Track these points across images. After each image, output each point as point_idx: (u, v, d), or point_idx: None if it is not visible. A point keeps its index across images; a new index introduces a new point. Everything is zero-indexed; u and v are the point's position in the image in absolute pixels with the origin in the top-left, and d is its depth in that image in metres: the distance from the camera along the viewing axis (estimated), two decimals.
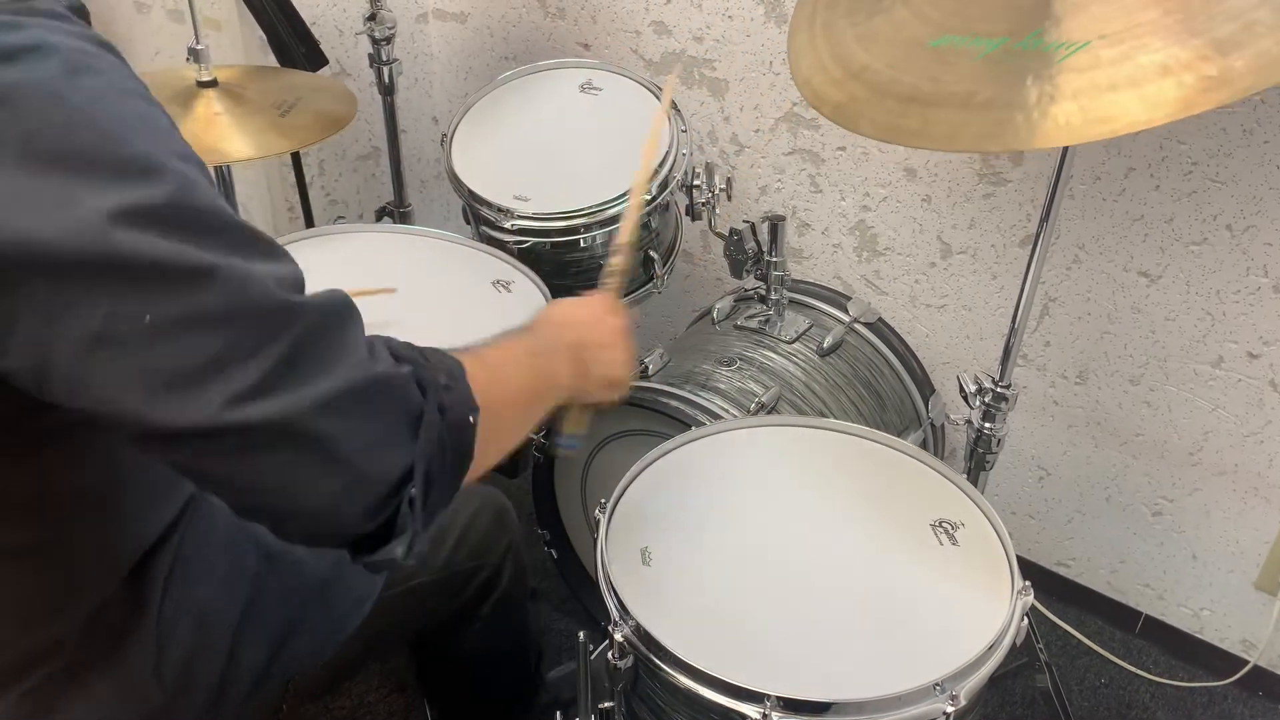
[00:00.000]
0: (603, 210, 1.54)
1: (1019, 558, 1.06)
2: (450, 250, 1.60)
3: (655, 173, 1.56)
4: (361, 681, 1.63)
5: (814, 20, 1.15)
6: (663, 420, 1.39)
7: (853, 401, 1.54)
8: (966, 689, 0.93)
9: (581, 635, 1.16)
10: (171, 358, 0.62)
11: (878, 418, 1.56)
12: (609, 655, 1.02)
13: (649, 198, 1.54)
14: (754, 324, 1.60)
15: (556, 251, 1.58)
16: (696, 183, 1.60)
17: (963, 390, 1.35)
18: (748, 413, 1.41)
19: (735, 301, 1.69)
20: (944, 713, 0.91)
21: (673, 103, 1.64)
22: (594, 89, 1.73)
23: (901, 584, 1.05)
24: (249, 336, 0.64)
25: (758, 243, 1.53)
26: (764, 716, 0.90)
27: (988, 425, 1.34)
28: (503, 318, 1.44)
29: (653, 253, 1.63)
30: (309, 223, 2.08)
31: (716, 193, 1.61)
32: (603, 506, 1.11)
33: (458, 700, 1.37)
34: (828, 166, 1.78)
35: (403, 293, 1.46)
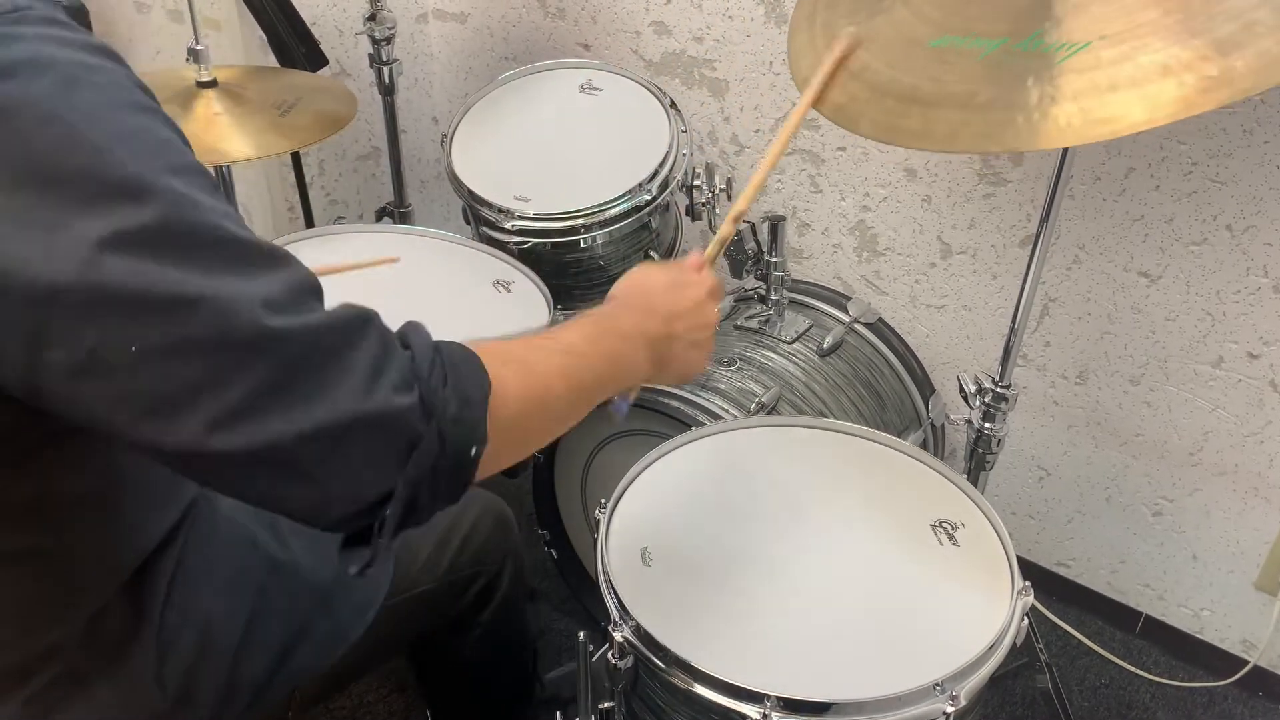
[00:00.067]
0: (603, 210, 1.54)
1: (1019, 558, 1.06)
2: (450, 250, 1.60)
3: (655, 173, 1.56)
4: (361, 682, 1.63)
5: (814, 20, 1.15)
6: (663, 420, 1.39)
7: (853, 402, 1.54)
8: (967, 689, 0.93)
9: (582, 635, 1.16)
10: (156, 384, 0.63)
11: (878, 418, 1.56)
12: (609, 655, 1.02)
13: (649, 197, 1.54)
14: (754, 324, 1.60)
15: (556, 252, 1.58)
16: (696, 183, 1.60)
17: (963, 390, 1.35)
18: (748, 413, 1.41)
19: (735, 301, 1.69)
20: (944, 713, 0.91)
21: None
22: (594, 89, 1.73)
23: (901, 584, 1.05)
24: (233, 364, 0.63)
25: (758, 243, 1.54)
26: (764, 716, 0.90)
27: (988, 425, 1.34)
28: (503, 318, 1.46)
29: (653, 253, 1.64)
30: (309, 223, 2.08)
31: (716, 193, 1.61)
32: (603, 507, 1.11)
33: (456, 702, 1.37)
34: (828, 167, 1.78)
35: (403, 293, 1.46)
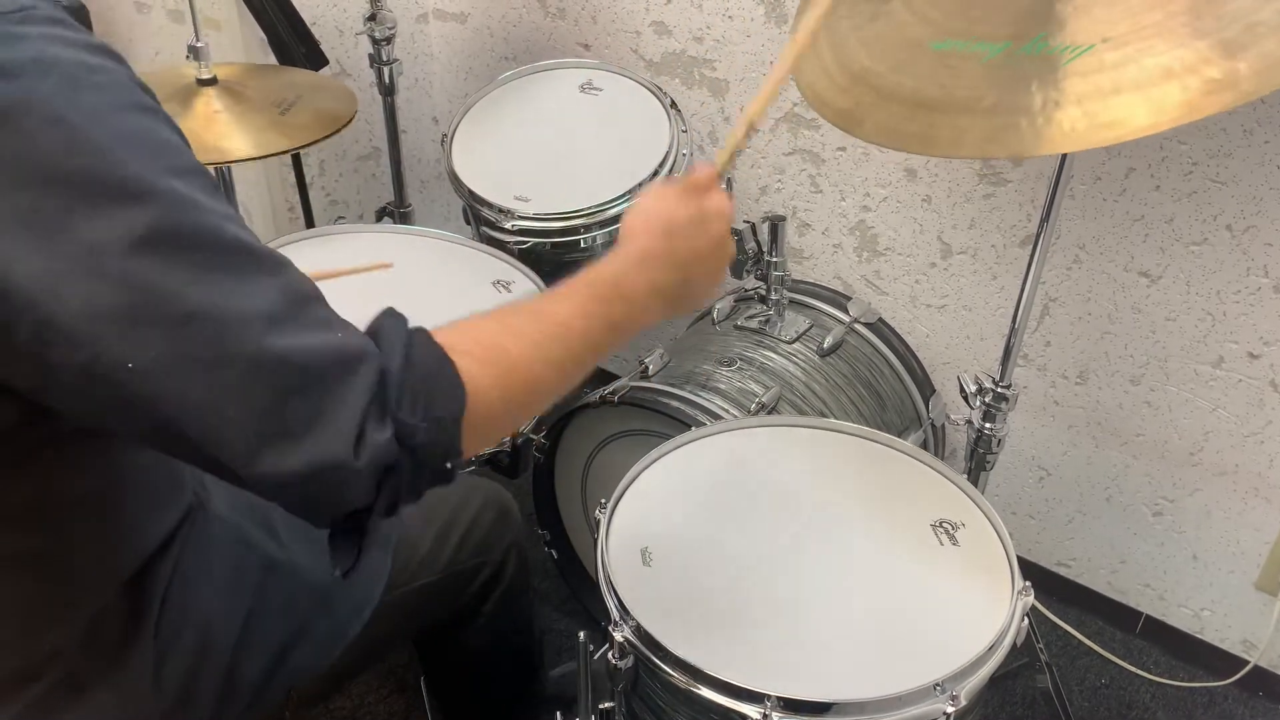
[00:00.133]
0: (603, 210, 1.54)
1: (1019, 558, 1.06)
2: (450, 250, 1.60)
3: (655, 173, 1.56)
4: (361, 682, 1.63)
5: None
6: (663, 420, 1.39)
7: (853, 402, 1.54)
8: (967, 689, 0.93)
9: (582, 635, 1.15)
10: (156, 393, 0.64)
11: (878, 418, 1.56)
12: (609, 655, 1.02)
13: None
14: (754, 324, 1.60)
15: (556, 252, 1.58)
16: None
17: (963, 390, 1.35)
18: (748, 413, 1.41)
19: (735, 302, 1.69)
20: (944, 713, 0.91)
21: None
22: (594, 89, 1.73)
23: (902, 584, 1.05)
24: (233, 384, 0.64)
25: (758, 243, 1.53)
26: (764, 717, 0.90)
27: (988, 425, 1.34)
28: None
29: None
30: (309, 223, 2.08)
31: None
32: (603, 507, 1.11)
33: (461, 696, 1.37)
34: (828, 167, 1.78)
35: (402, 293, 1.46)
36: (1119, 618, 1.80)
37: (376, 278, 1.49)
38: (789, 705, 0.90)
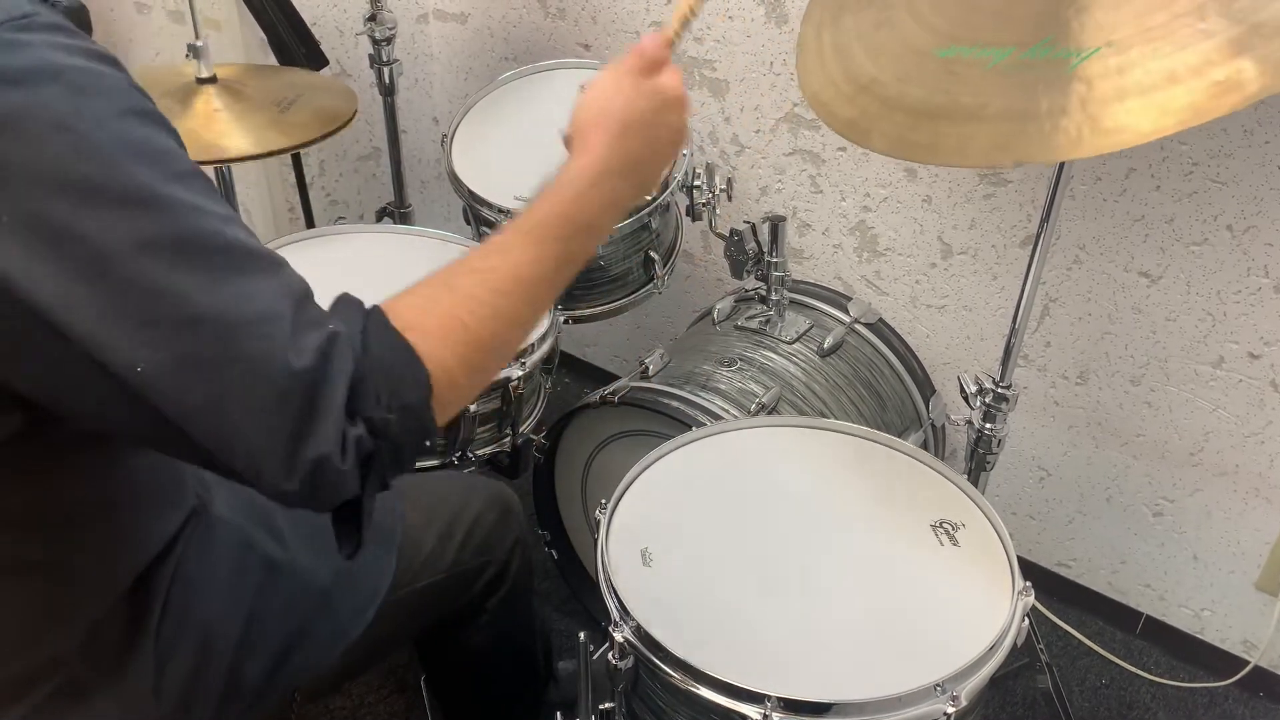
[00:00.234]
0: None
1: (1020, 558, 1.06)
2: (450, 250, 1.60)
3: None
4: (362, 682, 1.63)
5: (821, 38, 1.13)
6: (663, 421, 1.39)
7: (853, 402, 1.54)
8: (967, 689, 0.93)
9: (582, 636, 1.16)
10: (162, 397, 0.64)
11: (878, 418, 1.56)
12: (609, 656, 1.02)
13: (649, 198, 1.54)
14: (754, 324, 1.60)
15: None
16: (697, 183, 1.60)
17: (963, 391, 1.35)
18: (748, 413, 1.41)
19: (736, 302, 1.69)
20: (945, 713, 0.91)
21: None
22: None
23: (902, 584, 1.05)
24: (235, 387, 0.65)
25: (758, 243, 1.53)
26: (764, 717, 0.90)
27: (988, 426, 1.34)
28: None
29: (653, 253, 1.63)
30: (309, 223, 2.08)
31: (717, 193, 1.61)
32: (603, 507, 1.11)
33: (462, 696, 1.37)
34: (828, 167, 1.78)
35: None
36: (1119, 618, 1.79)
37: (377, 278, 1.48)
38: (789, 705, 0.90)
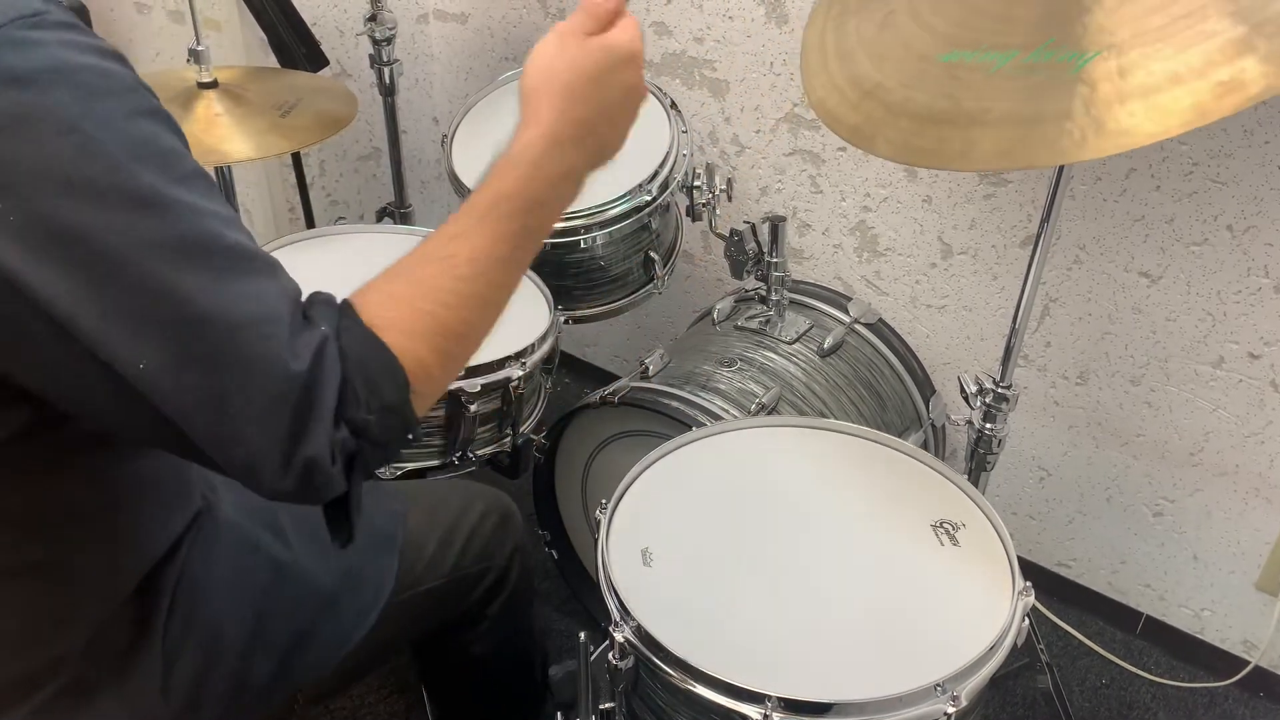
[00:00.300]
0: (603, 211, 1.54)
1: (1020, 558, 1.06)
2: None
3: (655, 173, 1.56)
4: (361, 682, 1.63)
5: (825, 41, 1.12)
6: (663, 421, 1.39)
7: (853, 402, 1.54)
8: (967, 689, 0.93)
9: (582, 636, 1.16)
10: (164, 402, 0.65)
11: (878, 418, 1.56)
12: (610, 656, 1.02)
13: (649, 198, 1.54)
14: (754, 325, 1.60)
15: (556, 252, 1.58)
16: (697, 183, 1.60)
17: (963, 391, 1.35)
18: (748, 413, 1.41)
19: (736, 302, 1.69)
20: (945, 713, 0.91)
21: (672, 102, 1.64)
22: None
23: (902, 584, 1.05)
24: (232, 386, 0.65)
25: (758, 243, 1.53)
26: (764, 717, 0.90)
27: (988, 426, 1.34)
28: (503, 317, 1.45)
29: (653, 253, 1.63)
30: (310, 223, 2.08)
31: (717, 193, 1.61)
32: (603, 507, 1.11)
33: (461, 703, 1.37)
34: (828, 167, 1.78)
35: None
36: (1119, 618, 1.80)
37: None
38: (789, 705, 0.90)
